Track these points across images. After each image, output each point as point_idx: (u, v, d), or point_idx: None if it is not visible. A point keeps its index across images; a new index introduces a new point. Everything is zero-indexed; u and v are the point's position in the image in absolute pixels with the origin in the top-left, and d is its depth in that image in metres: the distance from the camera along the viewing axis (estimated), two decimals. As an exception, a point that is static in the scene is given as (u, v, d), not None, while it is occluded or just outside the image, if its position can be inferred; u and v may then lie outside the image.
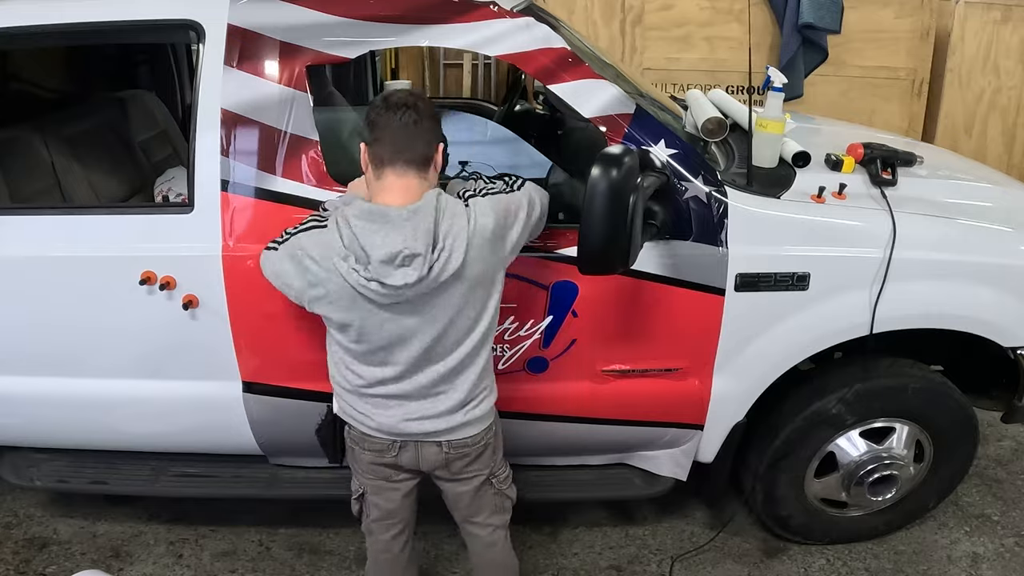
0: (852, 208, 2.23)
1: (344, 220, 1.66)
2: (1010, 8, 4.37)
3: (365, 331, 1.73)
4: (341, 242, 1.65)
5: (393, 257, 1.61)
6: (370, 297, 1.66)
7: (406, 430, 1.84)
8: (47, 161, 2.80)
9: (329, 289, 1.69)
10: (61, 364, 2.32)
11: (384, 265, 1.61)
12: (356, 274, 1.64)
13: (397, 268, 1.61)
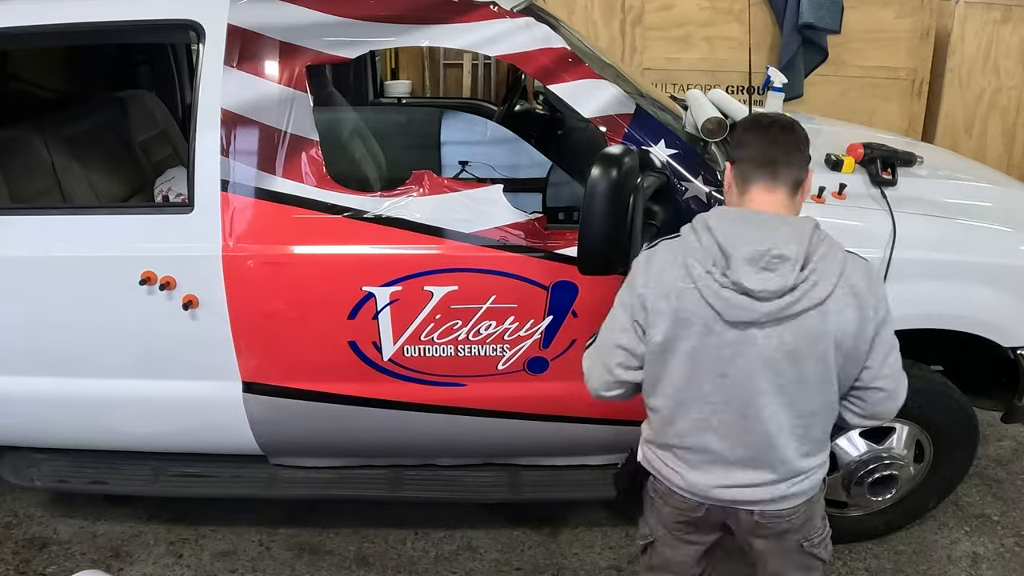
0: (852, 208, 2.23)
1: (703, 225, 1.51)
2: (1010, 8, 4.37)
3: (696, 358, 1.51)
4: (699, 244, 1.49)
5: (759, 257, 1.43)
6: (717, 309, 1.46)
7: (719, 496, 1.61)
8: (47, 161, 2.80)
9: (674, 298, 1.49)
10: (61, 364, 2.32)
11: (746, 264, 1.43)
12: (710, 278, 1.46)
13: (759, 272, 1.43)
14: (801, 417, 1.54)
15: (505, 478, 2.50)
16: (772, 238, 1.44)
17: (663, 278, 1.52)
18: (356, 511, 2.72)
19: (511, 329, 2.20)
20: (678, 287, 1.49)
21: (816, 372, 1.51)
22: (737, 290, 1.44)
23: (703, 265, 1.47)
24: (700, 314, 1.48)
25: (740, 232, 1.46)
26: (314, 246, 2.14)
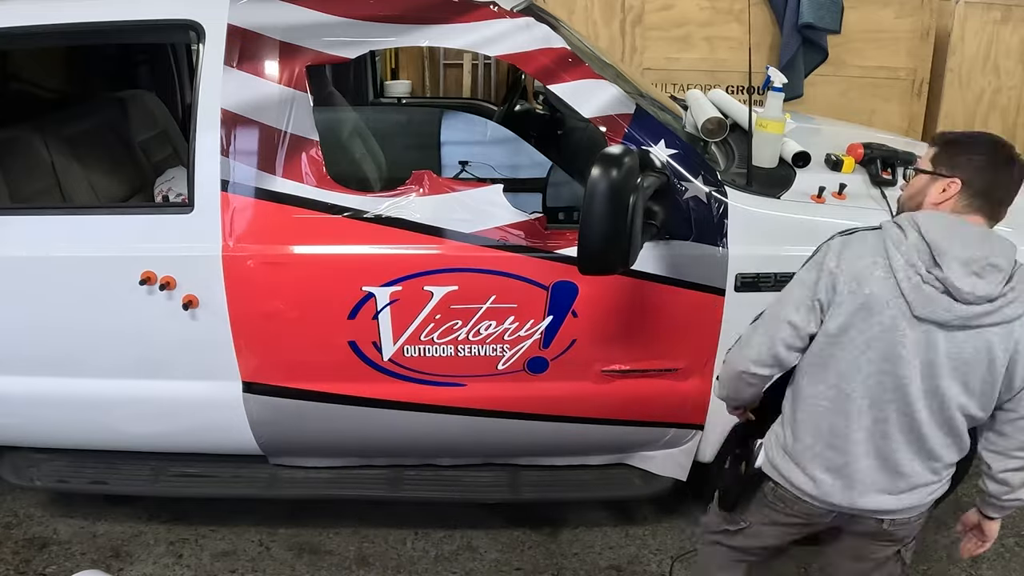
0: (852, 208, 2.23)
1: (910, 222, 1.51)
2: (1010, 8, 4.37)
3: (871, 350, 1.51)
4: (904, 238, 1.49)
5: (974, 260, 1.45)
6: (910, 301, 1.46)
7: (861, 505, 1.61)
8: (47, 161, 2.80)
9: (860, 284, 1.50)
10: (61, 364, 2.32)
11: (960, 265, 1.44)
12: (912, 271, 1.46)
13: (970, 275, 1.44)
14: (954, 427, 1.56)
15: (505, 478, 2.51)
16: (988, 247, 1.47)
17: (856, 264, 1.51)
18: (356, 511, 2.72)
19: (511, 329, 2.20)
20: (874, 275, 1.49)
21: (979, 387, 1.53)
22: (940, 288, 1.45)
23: (907, 257, 1.47)
24: (891, 304, 1.48)
25: (955, 234, 1.48)
26: (314, 246, 2.14)
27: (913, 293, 1.46)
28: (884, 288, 1.48)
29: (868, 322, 1.50)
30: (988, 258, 1.45)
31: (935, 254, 1.46)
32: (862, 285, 1.50)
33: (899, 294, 1.47)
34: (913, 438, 1.56)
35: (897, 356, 1.50)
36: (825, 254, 1.57)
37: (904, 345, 1.49)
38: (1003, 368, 1.51)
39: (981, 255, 1.45)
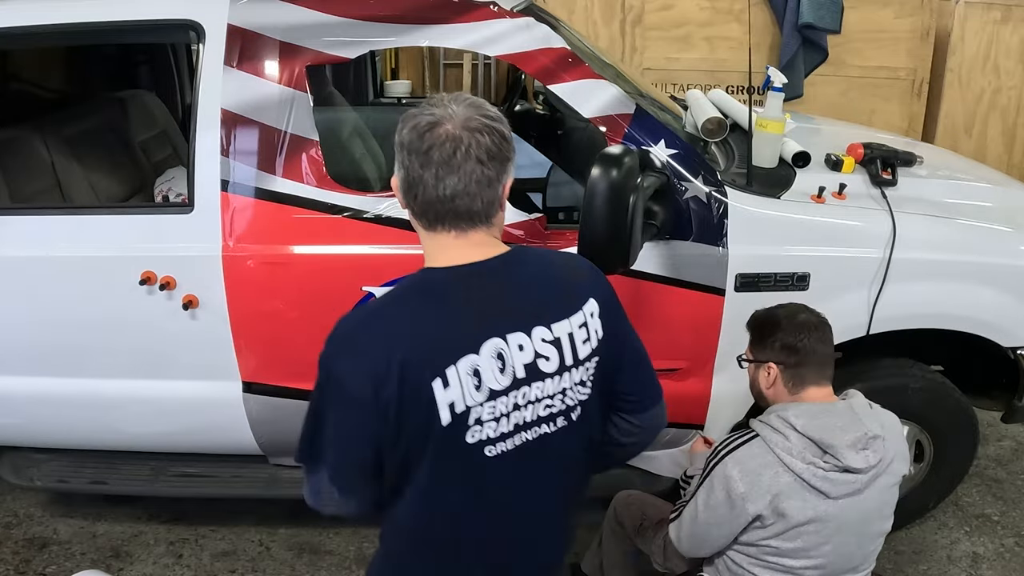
0: (852, 208, 2.23)
1: (785, 424, 1.67)
2: (1010, 8, 4.37)
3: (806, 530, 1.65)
4: (787, 442, 1.65)
5: (857, 442, 1.63)
6: (823, 490, 1.63)
7: None
8: (47, 161, 2.80)
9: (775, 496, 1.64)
10: (61, 364, 2.32)
11: (849, 449, 1.62)
12: (813, 469, 1.63)
13: (859, 452, 1.63)
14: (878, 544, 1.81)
15: (505, 478, 2.50)
16: (860, 424, 1.65)
17: (761, 481, 1.65)
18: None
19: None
20: (781, 482, 1.64)
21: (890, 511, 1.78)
22: (840, 469, 1.62)
23: (801, 458, 1.63)
24: (807, 500, 1.63)
25: (830, 425, 1.64)
26: (314, 246, 2.14)
27: (823, 484, 1.62)
28: (795, 492, 1.63)
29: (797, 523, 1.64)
30: (867, 433, 1.64)
31: (824, 448, 1.63)
32: (778, 497, 1.64)
33: (811, 488, 1.63)
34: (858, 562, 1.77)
35: (827, 530, 1.66)
36: (727, 481, 1.67)
37: (835, 521, 1.65)
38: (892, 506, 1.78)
39: (861, 434, 1.63)
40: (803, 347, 1.72)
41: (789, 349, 1.73)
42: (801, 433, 1.64)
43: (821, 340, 1.73)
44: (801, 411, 1.68)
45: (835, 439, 1.62)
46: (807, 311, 1.79)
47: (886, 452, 1.66)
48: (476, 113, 1.19)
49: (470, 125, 1.17)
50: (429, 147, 1.16)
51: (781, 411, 1.70)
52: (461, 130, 1.16)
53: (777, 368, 1.75)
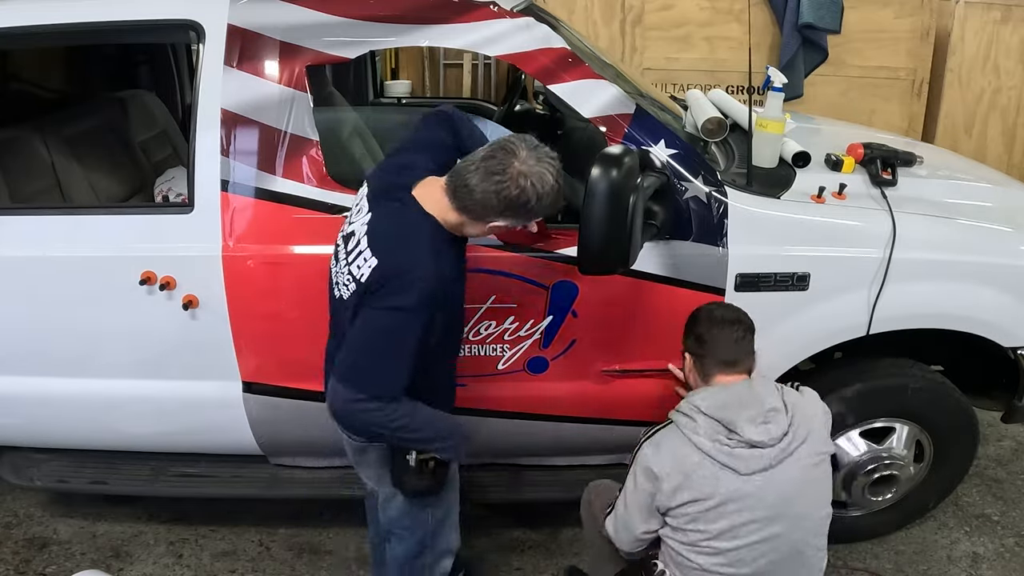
0: (852, 208, 2.23)
1: (692, 407, 1.77)
2: (1010, 8, 4.37)
3: (726, 509, 1.72)
4: (694, 423, 1.75)
5: (757, 416, 1.71)
6: (732, 466, 1.70)
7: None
8: (47, 161, 2.80)
9: (688, 476, 1.72)
10: (61, 364, 2.32)
11: (749, 423, 1.71)
12: (719, 445, 1.71)
13: (759, 425, 1.71)
14: (821, 533, 1.84)
15: (505, 478, 2.51)
16: (760, 400, 1.75)
17: (674, 462, 1.74)
18: (356, 511, 2.72)
19: (511, 329, 2.20)
20: (691, 461, 1.72)
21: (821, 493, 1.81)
22: (746, 446, 1.71)
23: (709, 437, 1.72)
24: (720, 478, 1.71)
25: (730, 403, 1.75)
26: (314, 246, 2.14)
27: (730, 460, 1.70)
28: (706, 469, 1.71)
29: (716, 503, 1.71)
30: (764, 406, 1.73)
31: (727, 426, 1.72)
32: (689, 477, 1.72)
33: (721, 466, 1.71)
34: (798, 563, 1.80)
35: (749, 508, 1.71)
36: (645, 463, 1.78)
37: (752, 499, 1.71)
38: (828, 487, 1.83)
39: (759, 409, 1.72)
40: (710, 339, 1.84)
41: (698, 339, 1.87)
42: (706, 414, 1.74)
43: (730, 335, 1.83)
44: (706, 394, 1.79)
45: (735, 415, 1.72)
46: (726, 309, 1.92)
47: (794, 427, 1.73)
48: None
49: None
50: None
51: (690, 397, 1.82)
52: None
53: (691, 357, 1.90)
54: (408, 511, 1.95)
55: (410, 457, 1.80)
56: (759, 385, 1.80)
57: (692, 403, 1.79)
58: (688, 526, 1.75)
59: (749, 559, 1.74)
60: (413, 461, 1.80)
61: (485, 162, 1.62)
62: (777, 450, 1.71)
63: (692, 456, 1.73)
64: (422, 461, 1.81)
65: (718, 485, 1.70)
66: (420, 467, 1.81)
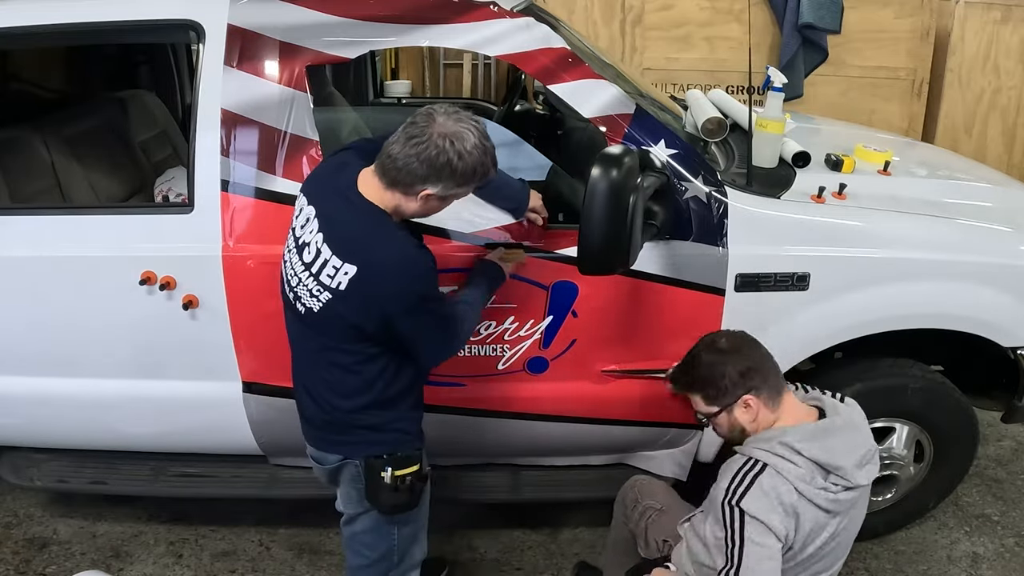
0: (852, 208, 2.23)
1: (789, 449, 1.64)
2: (1010, 8, 4.37)
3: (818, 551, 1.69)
4: (798, 469, 1.62)
5: (862, 459, 1.66)
6: (831, 510, 1.65)
7: None
8: (47, 161, 2.80)
9: (800, 523, 1.63)
10: (61, 364, 2.32)
11: (857, 468, 1.64)
12: (825, 492, 1.63)
13: (863, 467, 1.66)
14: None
15: (505, 478, 2.50)
16: (861, 438, 1.68)
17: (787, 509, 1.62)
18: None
19: (511, 329, 2.20)
20: (799, 509, 1.62)
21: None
22: (846, 486, 1.64)
23: (813, 483, 1.62)
24: (819, 521, 1.65)
25: (833, 446, 1.64)
26: (314, 246, 2.14)
27: (833, 505, 1.65)
28: (808, 513, 1.63)
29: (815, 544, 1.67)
30: (869, 449, 1.68)
31: (828, 469, 1.63)
32: (798, 520, 1.63)
33: (823, 510, 1.64)
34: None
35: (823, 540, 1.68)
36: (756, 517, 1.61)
37: (826, 529, 1.67)
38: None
39: (865, 451, 1.67)
40: (755, 362, 1.72)
41: (747, 373, 1.71)
42: (807, 457, 1.62)
43: (755, 346, 1.76)
44: (800, 435, 1.65)
45: (841, 460, 1.62)
46: (718, 336, 1.83)
47: (878, 461, 1.71)
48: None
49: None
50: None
51: (780, 437, 1.65)
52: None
53: (753, 396, 1.71)
54: (374, 527, 1.92)
55: (385, 474, 1.78)
56: (859, 418, 1.71)
57: (788, 444, 1.64)
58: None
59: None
60: (388, 478, 1.78)
61: (405, 129, 1.61)
62: (865, 487, 1.68)
63: (798, 504, 1.62)
64: (398, 478, 1.79)
65: (815, 528, 1.65)
66: (396, 484, 1.79)
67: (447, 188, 1.63)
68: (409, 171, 1.59)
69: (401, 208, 1.67)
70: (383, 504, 1.84)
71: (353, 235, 1.65)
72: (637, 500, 2.12)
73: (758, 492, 1.61)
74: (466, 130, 1.59)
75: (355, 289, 1.62)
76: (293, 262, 1.75)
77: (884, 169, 2.44)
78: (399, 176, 1.61)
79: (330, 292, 1.65)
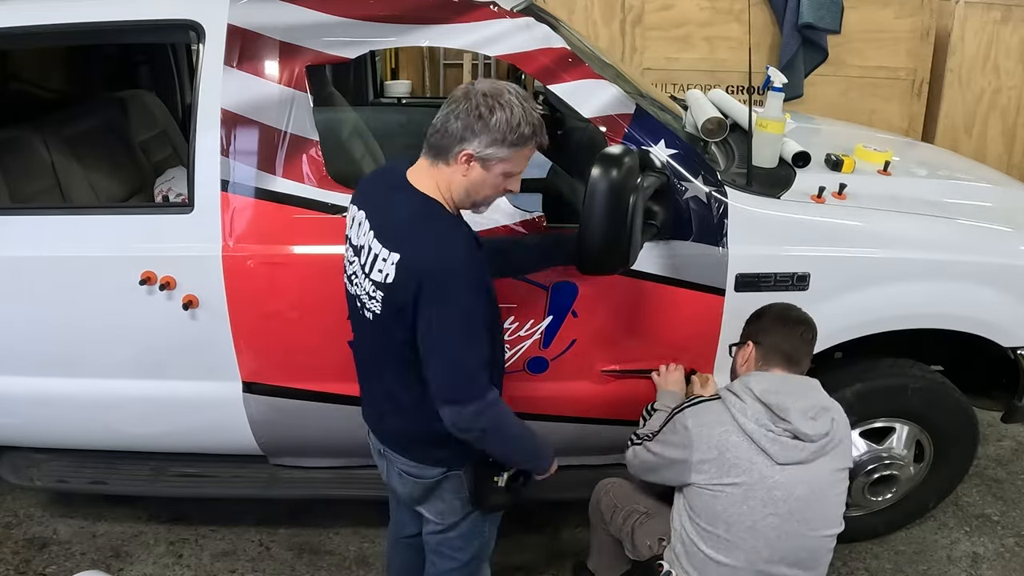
0: (852, 208, 2.23)
1: (744, 388, 1.78)
2: (1010, 8, 4.37)
3: (750, 494, 1.73)
4: (743, 404, 1.76)
5: (809, 409, 1.73)
6: (770, 452, 1.72)
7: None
8: (47, 161, 2.80)
9: (722, 453, 1.74)
10: (61, 364, 2.32)
11: (801, 415, 1.72)
12: (764, 429, 1.72)
13: (809, 419, 1.72)
14: (828, 549, 1.83)
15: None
16: (815, 395, 1.79)
17: (711, 433, 1.76)
18: (356, 511, 2.73)
19: (511, 329, 2.20)
20: (730, 440, 1.74)
21: (834, 512, 1.81)
22: (790, 435, 1.72)
23: (755, 420, 1.73)
24: (754, 460, 1.73)
25: (786, 391, 1.76)
26: (314, 246, 2.14)
27: (771, 446, 1.72)
28: (742, 451, 1.73)
29: (734, 473, 1.74)
30: (818, 404, 1.76)
31: (777, 412, 1.72)
32: (723, 454, 1.74)
33: (759, 450, 1.72)
34: (812, 547, 1.80)
35: (774, 500, 1.72)
36: (682, 428, 1.80)
37: (777, 488, 1.72)
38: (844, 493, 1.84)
39: (813, 402, 1.75)
40: (779, 331, 1.85)
41: (767, 331, 1.87)
42: (758, 398, 1.74)
43: (799, 333, 1.85)
44: (761, 378, 1.80)
45: (789, 403, 1.72)
46: (798, 310, 1.91)
47: (835, 429, 1.75)
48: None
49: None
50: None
51: (744, 378, 1.82)
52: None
53: (752, 346, 1.88)
54: (471, 529, 1.88)
55: (500, 478, 1.76)
56: (814, 385, 1.83)
57: (746, 384, 1.79)
58: (706, 508, 1.76)
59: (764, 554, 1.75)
60: (503, 482, 1.76)
61: (446, 106, 1.59)
62: (816, 446, 1.72)
63: (732, 436, 1.74)
64: (511, 478, 1.77)
65: (751, 469, 1.72)
66: (509, 485, 1.78)
67: (482, 144, 1.55)
68: (448, 132, 1.56)
69: (452, 187, 1.61)
70: (491, 506, 1.81)
71: (399, 221, 1.60)
72: (616, 506, 2.13)
73: (698, 409, 1.81)
74: (503, 88, 1.58)
75: (399, 275, 1.55)
76: (351, 267, 1.70)
77: (884, 169, 2.44)
78: (440, 140, 1.57)
79: (382, 289, 1.59)
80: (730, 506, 1.74)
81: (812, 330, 1.87)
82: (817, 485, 1.75)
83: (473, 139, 1.55)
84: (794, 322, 1.87)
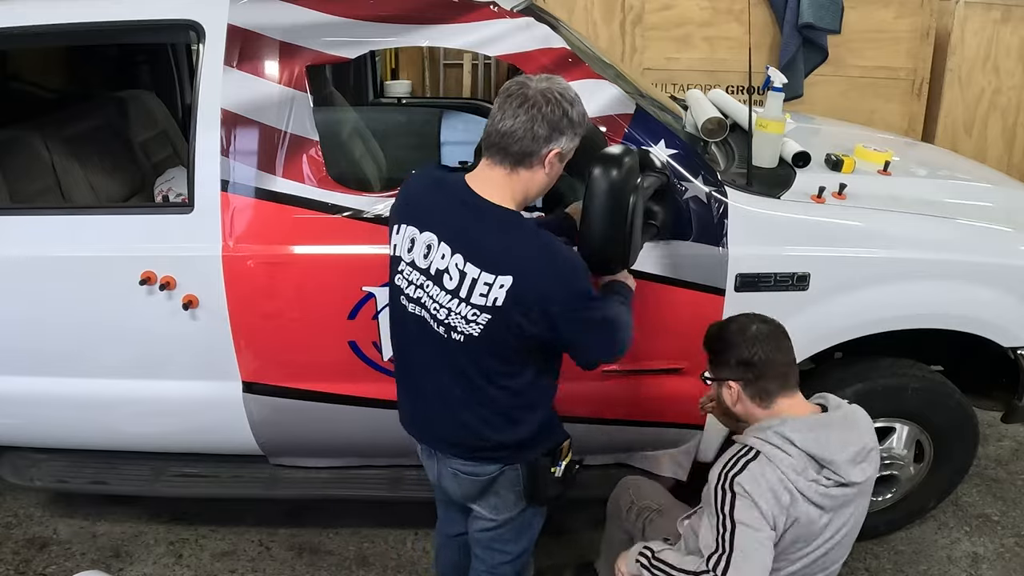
0: (852, 208, 2.23)
1: (783, 440, 1.63)
2: (1010, 8, 4.37)
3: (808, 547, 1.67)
4: (792, 461, 1.61)
5: (857, 455, 1.64)
6: (821, 505, 1.63)
7: None
8: (47, 161, 2.80)
9: (789, 515, 1.61)
10: (61, 364, 2.32)
11: (850, 464, 1.63)
12: (816, 485, 1.62)
13: (858, 465, 1.64)
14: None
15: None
16: (857, 435, 1.67)
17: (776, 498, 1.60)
18: (356, 511, 2.73)
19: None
20: (782, 501, 1.60)
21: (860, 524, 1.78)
22: (839, 483, 1.63)
23: (804, 475, 1.61)
24: (810, 514, 1.63)
25: (830, 440, 1.63)
26: (314, 246, 2.14)
27: (823, 500, 1.63)
28: (804, 508, 1.62)
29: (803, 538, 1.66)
30: (865, 446, 1.66)
31: (821, 463, 1.62)
32: (787, 511, 1.61)
33: (814, 505, 1.62)
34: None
35: (816, 544, 1.67)
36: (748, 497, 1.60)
37: (824, 532, 1.67)
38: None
39: (860, 447, 1.65)
40: (759, 360, 1.68)
41: (745, 365, 1.70)
42: (800, 448, 1.62)
43: (777, 349, 1.70)
44: (798, 425, 1.65)
45: (835, 455, 1.62)
46: (759, 321, 1.75)
47: (877, 463, 1.70)
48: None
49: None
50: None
51: (777, 427, 1.65)
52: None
53: (737, 385, 1.72)
54: (524, 523, 1.90)
55: (556, 469, 1.77)
56: (859, 418, 1.71)
57: (782, 434, 1.63)
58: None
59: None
60: (560, 472, 1.77)
61: (505, 104, 1.57)
62: (862, 487, 1.67)
63: (784, 495, 1.60)
64: (566, 468, 1.78)
65: (808, 523, 1.63)
66: (565, 475, 1.78)
67: (570, 140, 1.60)
68: (534, 136, 1.56)
69: (529, 189, 1.63)
70: (547, 498, 1.83)
71: (497, 245, 1.58)
72: (632, 501, 2.12)
73: (749, 476, 1.61)
74: (562, 82, 1.61)
75: (514, 299, 1.55)
76: (433, 296, 1.63)
77: (884, 169, 2.44)
78: (525, 146, 1.56)
79: (488, 312, 1.57)
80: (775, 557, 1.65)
81: (782, 331, 1.73)
82: (858, 518, 1.73)
83: (561, 138, 1.59)
84: (765, 339, 1.70)
